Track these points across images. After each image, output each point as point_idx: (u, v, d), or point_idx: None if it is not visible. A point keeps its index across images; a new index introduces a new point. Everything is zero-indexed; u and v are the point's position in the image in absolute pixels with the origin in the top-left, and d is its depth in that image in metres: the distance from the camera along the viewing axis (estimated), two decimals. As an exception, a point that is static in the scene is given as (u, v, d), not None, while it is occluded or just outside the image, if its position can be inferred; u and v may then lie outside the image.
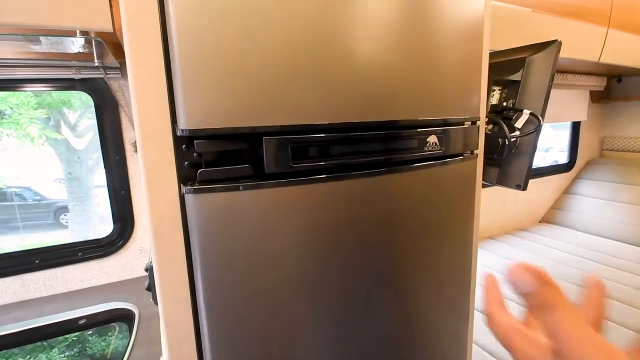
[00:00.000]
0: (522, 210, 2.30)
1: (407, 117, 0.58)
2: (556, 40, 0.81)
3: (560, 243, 1.99)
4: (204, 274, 0.47)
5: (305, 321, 0.55)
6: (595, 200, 2.25)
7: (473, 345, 0.87)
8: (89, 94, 1.10)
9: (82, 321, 1.02)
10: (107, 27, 0.67)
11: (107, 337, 1.01)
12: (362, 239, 0.57)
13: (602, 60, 1.47)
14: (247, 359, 0.51)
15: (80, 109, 1.80)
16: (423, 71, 0.58)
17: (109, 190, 1.18)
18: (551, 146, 2.66)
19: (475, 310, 0.81)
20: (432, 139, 0.60)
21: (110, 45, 0.83)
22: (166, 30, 0.42)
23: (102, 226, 1.52)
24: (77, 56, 0.98)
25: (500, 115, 0.88)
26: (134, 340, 0.88)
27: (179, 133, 0.44)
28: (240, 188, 0.46)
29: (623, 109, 2.42)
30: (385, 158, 0.57)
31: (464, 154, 0.69)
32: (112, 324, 1.06)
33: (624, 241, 1.99)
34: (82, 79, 1.06)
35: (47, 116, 1.71)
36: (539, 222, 2.43)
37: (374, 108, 0.54)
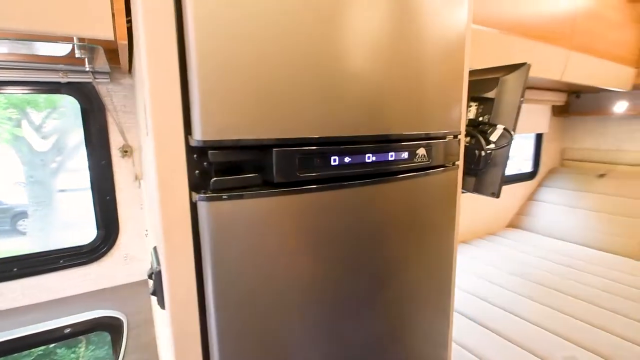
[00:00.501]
0: (491, 216, 2.44)
1: (399, 132, 0.63)
2: (526, 63, 0.89)
3: (525, 246, 2.14)
4: (215, 278, 0.49)
5: (312, 325, 0.58)
6: (556, 206, 2.43)
7: (453, 344, 0.93)
8: (75, 97, 1.08)
9: (67, 330, 0.99)
10: (109, 35, 0.67)
11: (76, 349, 0.98)
12: (358, 244, 0.61)
13: (563, 79, 1.60)
14: None
15: (47, 110, 1.73)
16: (413, 90, 0.64)
17: (93, 196, 1.15)
18: (514, 155, 2.83)
19: (454, 311, 0.87)
20: (421, 151, 0.66)
21: (106, 51, 0.83)
22: (183, 45, 0.45)
23: (66, 233, 1.44)
24: (65, 60, 0.97)
25: (477, 129, 0.95)
26: (125, 347, 0.87)
27: (193, 144, 0.47)
28: (251, 196, 0.49)
29: (581, 123, 2.63)
30: (380, 168, 0.61)
31: (447, 165, 0.75)
32: (81, 337, 1.01)
33: (582, 244, 2.16)
34: (69, 83, 1.05)
35: (17, 116, 1.64)
36: (506, 226, 2.58)
37: (372, 123, 0.59)
